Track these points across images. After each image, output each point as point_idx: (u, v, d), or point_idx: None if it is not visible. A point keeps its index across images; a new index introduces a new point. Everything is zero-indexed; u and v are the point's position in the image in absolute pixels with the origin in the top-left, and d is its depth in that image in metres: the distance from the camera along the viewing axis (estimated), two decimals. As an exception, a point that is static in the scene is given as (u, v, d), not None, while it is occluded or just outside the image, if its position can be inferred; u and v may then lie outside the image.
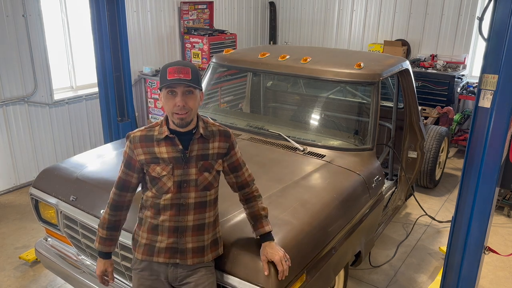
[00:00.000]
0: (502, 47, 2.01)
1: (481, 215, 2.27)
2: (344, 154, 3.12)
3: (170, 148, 1.95)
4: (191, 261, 2.01)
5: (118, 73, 4.65)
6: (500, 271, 3.73)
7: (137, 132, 2.01)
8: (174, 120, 1.92)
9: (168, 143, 1.95)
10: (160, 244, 2.01)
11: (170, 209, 1.97)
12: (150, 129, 2.00)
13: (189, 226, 1.99)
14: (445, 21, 6.74)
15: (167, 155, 1.94)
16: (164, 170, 1.94)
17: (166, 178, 1.95)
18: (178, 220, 1.98)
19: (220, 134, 2.04)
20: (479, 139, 2.17)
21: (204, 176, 1.98)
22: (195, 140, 1.97)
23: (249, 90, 4.58)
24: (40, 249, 2.99)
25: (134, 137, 1.99)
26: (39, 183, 2.88)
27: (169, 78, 1.86)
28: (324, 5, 7.87)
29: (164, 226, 1.99)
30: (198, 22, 6.98)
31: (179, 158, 1.95)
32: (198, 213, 2.00)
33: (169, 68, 1.88)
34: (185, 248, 2.00)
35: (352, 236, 2.67)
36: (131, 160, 2.00)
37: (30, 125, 4.99)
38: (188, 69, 1.88)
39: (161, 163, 1.95)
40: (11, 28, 4.62)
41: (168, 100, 1.89)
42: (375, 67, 3.29)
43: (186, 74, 1.87)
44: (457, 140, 6.39)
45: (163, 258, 2.01)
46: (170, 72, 1.86)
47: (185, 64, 1.90)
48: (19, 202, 4.72)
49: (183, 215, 1.98)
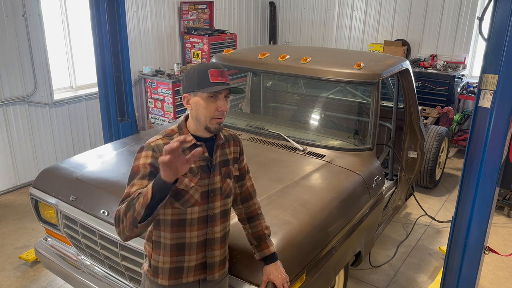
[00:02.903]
0: (502, 47, 2.01)
1: (481, 215, 2.26)
2: (344, 154, 3.12)
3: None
4: (218, 274, 1.92)
5: (118, 73, 4.65)
6: (500, 271, 3.73)
7: (158, 141, 1.77)
8: (211, 125, 1.76)
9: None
10: (189, 264, 1.85)
11: (197, 223, 1.82)
12: (170, 137, 1.79)
13: (217, 238, 1.87)
14: (445, 21, 6.74)
15: (194, 165, 1.78)
16: (192, 182, 1.77)
17: (194, 190, 1.78)
18: (205, 233, 1.84)
19: (233, 139, 1.96)
20: (479, 139, 2.17)
21: (227, 183, 1.88)
22: (218, 147, 1.86)
23: (249, 90, 4.58)
24: (40, 249, 2.98)
25: (157, 145, 1.74)
26: (39, 183, 2.88)
27: (212, 81, 1.72)
28: (324, 5, 7.87)
29: (192, 244, 1.83)
30: (198, 22, 6.98)
31: (205, 167, 1.81)
32: (223, 223, 1.89)
33: (211, 70, 1.74)
34: (213, 262, 1.89)
35: (352, 236, 2.67)
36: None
37: (30, 125, 4.99)
38: (226, 72, 1.78)
39: (188, 174, 1.76)
40: (11, 28, 4.62)
41: (210, 103, 1.73)
42: (375, 67, 3.29)
43: (227, 78, 1.77)
44: (457, 140, 6.39)
45: (193, 277, 1.88)
46: (213, 75, 1.73)
47: (221, 67, 1.79)
48: (19, 202, 4.72)
49: (211, 226, 1.85)
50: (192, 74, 1.76)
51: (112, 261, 2.53)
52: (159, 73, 6.18)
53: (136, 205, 1.54)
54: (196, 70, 1.76)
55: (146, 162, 1.72)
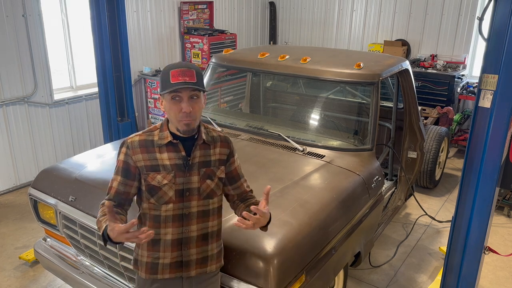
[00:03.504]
0: (502, 47, 2.01)
1: (481, 215, 2.26)
2: (344, 154, 3.12)
3: (172, 155, 1.82)
4: (195, 272, 1.91)
5: (118, 73, 4.66)
6: (500, 271, 3.73)
7: (135, 137, 1.86)
8: (179, 127, 1.79)
9: (170, 149, 1.83)
10: (163, 261, 1.88)
11: (172, 221, 1.84)
12: (149, 134, 1.86)
13: (193, 237, 1.87)
14: (445, 21, 6.73)
15: (168, 162, 1.81)
16: (165, 179, 1.80)
17: (167, 187, 1.81)
18: (181, 232, 1.85)
19: (220, 140, 1.94)
20: (479, 139, 2.17)
21: (207, 184, 1.87)
22: (197, 146, 1.85)
23: (249, 90, 4.58)
24: (39, 250, 2.98)
25: (132, 142, 1.84)
26: (38, 183, 2.88)
27: (173, 81, 1.71)
28: (324, 5, 7.86)
29: (166, 240, 1.85)
30: (198, 22, 6.98)
31: (181, 165, 1.82)
32: (201, 222, 1.88)
33: (172, 70, 1.73)
34: (189, 260, 1.89)
35: (352, 237, 2.67)
36: (130, 167, 1.83)
37: (30, 125, 4.99)
38: (192, 71, 1.74)
39: (161, 171, 1.81)
40: (11, 28, 4.62)
41: (172, 105, 1.75)
42: (374, 67, 3.28)
43: (191, 76, 1.73)
44: (457, 140, 6.39)
45: (168, 274, 1.89)
46: (173, 75, 1.72)
47: (188, 65, 1.76)
48: (19, 202, 4.72)
49: (187, 225, 1.85)
50: (160, 75, 1.81)
51: (111, 261, 2.53)
52: (159, 73, 6.18)
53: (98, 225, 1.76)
54: (162, 71, 1.80)
55: (121, 158, 1.86)
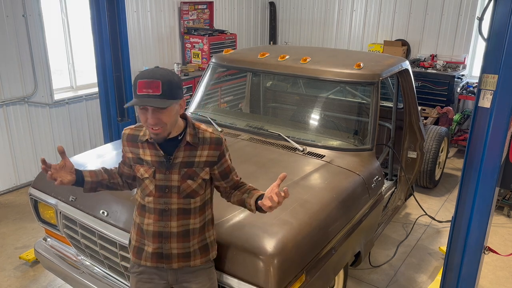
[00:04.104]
0: (502, 47, 2.01)
1: (481, 215, 2.26)
2: (344, 154, 3.12)
3: (153, 152, 1.91)
4: (177, 265, 1.98)
5: (118, 73, 4.65)
6: (500, 271, 3.73)
7: (126, 130, 2.02)
8: (150, 134, 1.85)
9: (151, 147, 1.92)
10: (147, 248, 1.98)
11: (153, 213, 1.94)
12: (138, 129, 1.98)
13: (173, 232, 1.94)
14: (445, 21, 6.73)
15: (150, 158, 1.91)
16: (146, 173, 1.92)
17: (148, 181, 1.92)
18: (161, 226, 1.94)
19: (211, 142, 1.92)
20: (479, 139, 2.17)
21: (187, 184, 1.91)
22: (181, 147, 1.89)
23: (249, 90, 4.58)
24: (39, 250, 2.98)
25: (124, 134, 2.02)
26: (39, 183, 2.88)
27: (138, 93, 1.72)
28: (324, 5, 7.87)
29: (148, 230, 1.96)
30: (198, 22, 6.98)
31: (162, 163, 1.90)
32: (182, 219, 1.94)
33: (140, 81, 1.72)
34: (170, 253, 1.96)
35: (352, 236, 2.67)
36: (125, 155, 2.04)
37: (30, 125, 4.99)
38: (158, 82, 1.70)
39: (144, 165, 1.93)
40: (11, 28, 4.62)
41: (141, 114, 1.79)
42: (374, 67, 3.29)
43: (156, 88, 1.70)
44: (457, 140, 6.39)
45: (150, 262, 1.99)
46: (140, 87, 1.71)
47: (155, 76, 1.71)
48: (19, 202, 4.72)
49: (166, 220, 1.93)
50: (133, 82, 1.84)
51: (111, 261, 2.53)
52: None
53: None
54: (135, 78, 1.82)
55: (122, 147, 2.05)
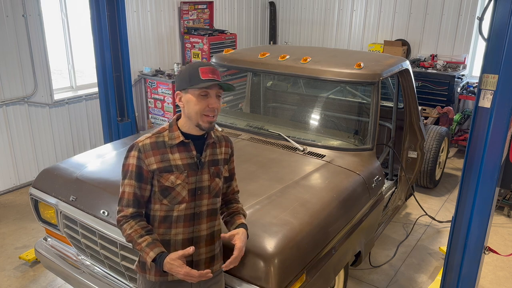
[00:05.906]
0: (502, 47, 2.01)
1: (481, 215, 2.26)
2: (344, 154, 3.12)
3: (184, 154, 1.85)
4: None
5: (118, 73, 4.66)
6: (500, 271, 3.73)
7: (146, 140, 1.85)
8: (202, 122, 1.80)
9: (182, 149, 1.85)
10: None
11: (183, 221, 1.85)
12: (159, 135, 1.87)
13: (203, 236, 1.90)
14: (445, 21, 6.74)
15: (181, 162, 1.83)
16: (178, 179, 1.82)
17: (181, 187, 1.82)
18: (192, 231, 1.87)
19: (225, 140, 2.01)
20: (479, 139, 2.17)
21: (216, 182, 1.91)
22: (208, 145, 1.90)
23: (249, 90, 4.58)
24: (39, 249, 2.98)
25: (144, 145, 1.83)
26: (39, 183, 2.88)
27: (203, 78, 1.76)
28: (324, 5, 7.87)
29: (177, 241, 1.87)
30: (198, 22, 6.98)
31: (193, 164, 1.85)
32: (210, 221, 1.91)
33: (201, 67, 1.78)
34: (199, 260, 1.91)
35: (352, 236, 2.67)
36: (142, 171, 1.82)
37: (30, 125, 4.99)
38: (218, 71, 1.83)
39: (175, 171, 1.82)
40: (11, 28, 4.62)
41: (201, 100, 1.78)
42: (375, 67, 3.29)
43: (218, 76, 1.80)
44: (457, 140, 6.39)
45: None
46: (204, 72, 1.76)
47: (213, 65, 1.83)
48: (19, 202, 4.72)
49: (197, 224, 1.88)
50: (184, 72, 1.83)
51: (112, 261, 2.53)
52: (159, 73, 6.18)
53: (137, 247, 1.80)
54: (188, 68, 1.83)
55: (133, 163, 1.84)
